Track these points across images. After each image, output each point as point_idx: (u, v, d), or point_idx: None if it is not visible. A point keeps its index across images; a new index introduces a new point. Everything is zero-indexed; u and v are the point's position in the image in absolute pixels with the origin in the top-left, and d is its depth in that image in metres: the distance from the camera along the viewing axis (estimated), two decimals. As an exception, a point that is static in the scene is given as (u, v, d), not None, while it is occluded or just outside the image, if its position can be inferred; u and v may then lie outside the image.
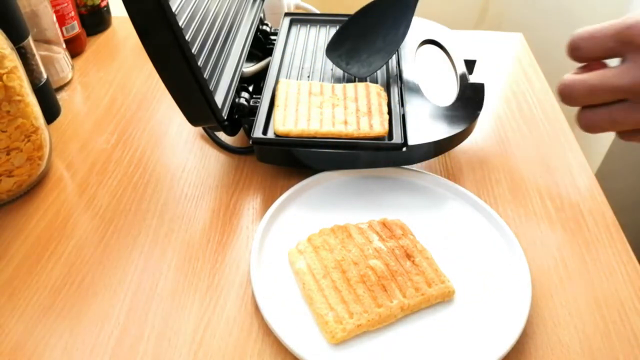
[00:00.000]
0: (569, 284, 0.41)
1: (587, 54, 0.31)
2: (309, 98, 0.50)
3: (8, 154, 0.45)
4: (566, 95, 0.31)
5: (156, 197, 0.49)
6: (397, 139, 0.47)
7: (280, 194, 0.46)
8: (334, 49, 0.55)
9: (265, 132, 0.48)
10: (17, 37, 0.50)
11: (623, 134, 0.33)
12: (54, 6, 0.63)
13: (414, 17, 0.53)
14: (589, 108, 0.31)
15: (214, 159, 0.53)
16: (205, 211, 0.47)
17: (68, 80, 0.65)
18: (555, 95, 0.62)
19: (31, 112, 0.47)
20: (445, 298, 0.39)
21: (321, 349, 0.36)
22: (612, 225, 0.46)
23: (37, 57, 0.55)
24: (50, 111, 0.58)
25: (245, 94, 0.52)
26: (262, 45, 0.63)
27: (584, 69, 0.32)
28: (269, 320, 0.37)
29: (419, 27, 0.62)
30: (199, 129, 0.57)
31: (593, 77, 0.30)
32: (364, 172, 0.50)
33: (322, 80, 0.54)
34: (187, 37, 0.40)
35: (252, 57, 0.61)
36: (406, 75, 0.55)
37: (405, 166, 0.49)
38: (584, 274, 0.42)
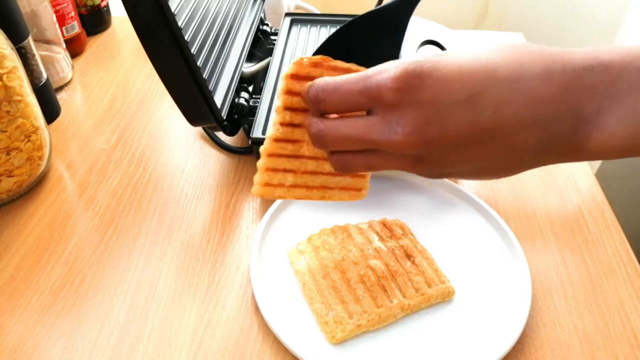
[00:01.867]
0: (569, 284, 0.41)
1: (332, 108, 0.29)
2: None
3: (8, 154, 0.45)
4: (319, 141, 0.30)
5: (156, 197, 0.49)
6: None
7: (280, 194, 0.46)
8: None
9: (264, 132, 0.48)
10: (17, 37, 0.50)
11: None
12: (54, 6, 0.63)
13: (414, 18, 0.53)
14: (344, 152, 0.30)
15: (214, 159, 0.53)
16: (205, 211, 0.47)
17: (68, 80, 0.65)
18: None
19: (31, 112, 0.47)
20: (445, 298, 0.39)
21: (321, 349, 0.36)
22: (612, 225, 0.46)
23: (37, 57, 0.55)
24: (50, 111, 0.58)
25: (245, 94, 0.52)
26: (262, 45, 0.63)
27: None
28: (269, 320, 0.37)
29: (419, 27, 0.62)
30: (199, 129, 0.57)
31: (345, 126, 0.29)
32: (364, 172, 0.50)
33: None
34: (186, 37, 0.40)
35: (252, 57, 0.61)
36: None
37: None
38: (584, 274, 0.42)
